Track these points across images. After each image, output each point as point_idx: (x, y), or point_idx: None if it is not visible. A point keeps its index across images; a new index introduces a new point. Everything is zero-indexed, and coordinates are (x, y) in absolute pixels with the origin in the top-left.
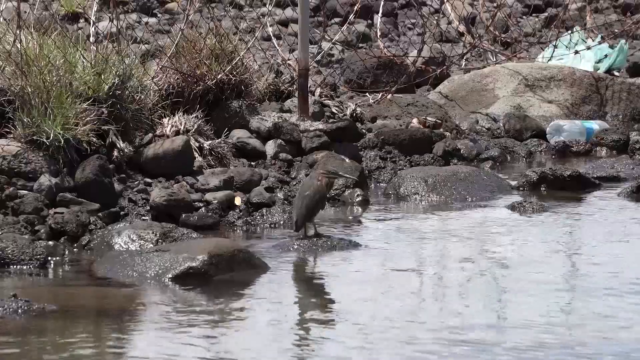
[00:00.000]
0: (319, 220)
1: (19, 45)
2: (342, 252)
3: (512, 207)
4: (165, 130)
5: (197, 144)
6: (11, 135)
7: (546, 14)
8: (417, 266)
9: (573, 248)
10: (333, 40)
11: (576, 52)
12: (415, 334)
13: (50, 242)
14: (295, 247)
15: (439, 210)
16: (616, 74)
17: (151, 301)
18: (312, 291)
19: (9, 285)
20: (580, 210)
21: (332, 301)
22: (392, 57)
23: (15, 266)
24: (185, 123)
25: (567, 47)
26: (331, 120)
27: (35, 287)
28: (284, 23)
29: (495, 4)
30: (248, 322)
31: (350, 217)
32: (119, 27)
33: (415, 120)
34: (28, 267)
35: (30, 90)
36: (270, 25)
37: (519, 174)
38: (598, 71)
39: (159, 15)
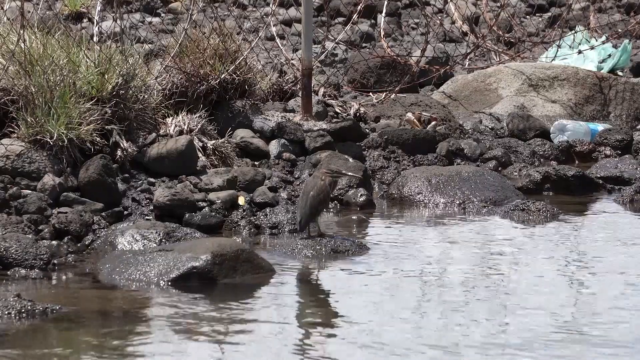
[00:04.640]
0: (323, 219)
1: (22, 45)
2: (345, 252)
3: (516, 208)
4: (169, 130)
5: (200, 144)
6: (15, 135)
7: (550, 14)
8: (421, 268)
9: (575, 251)
10: (336, 40)
11: (580, 51)
12: (418, 340)
13: (54, 242)
14: (299, 246)
15: (443, 211)
16: (620, 73)
17: (154, 301)
18: (316, 293)
19: (12, 285)
20: (583, 212)
21: (336, 305)
22: (395, 57)
23: (18, 266)
24: (188, 123)
25: (570, 46)
26: (335, 119)
27: (38, 287)
28: (288, 23)
29: (498, 4)
30: (251, 326)
31: (354, 217)
32: (123, 26)
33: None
34: (31, 266)
35: (33, 89)
36: (273, 25)
37: (523, 173)
38: (601, 71)
39: (162, 14)
